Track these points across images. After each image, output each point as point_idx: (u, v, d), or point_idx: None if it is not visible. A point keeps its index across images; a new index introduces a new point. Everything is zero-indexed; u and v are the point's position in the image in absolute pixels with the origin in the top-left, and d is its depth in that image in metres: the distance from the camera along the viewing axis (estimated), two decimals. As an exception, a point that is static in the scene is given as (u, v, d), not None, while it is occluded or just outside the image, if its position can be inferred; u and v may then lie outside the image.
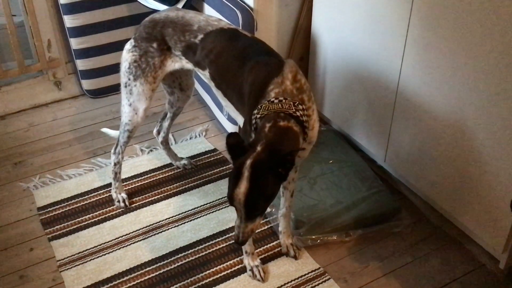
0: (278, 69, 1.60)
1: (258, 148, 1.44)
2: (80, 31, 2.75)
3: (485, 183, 1.78)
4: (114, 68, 2.90)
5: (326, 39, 2.40)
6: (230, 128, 2.53)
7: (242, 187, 1.42)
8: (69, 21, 2.72)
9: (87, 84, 2.92)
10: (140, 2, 2.65)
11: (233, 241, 1.60)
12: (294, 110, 1.53)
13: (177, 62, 1.94)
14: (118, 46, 2.85)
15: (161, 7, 2.55)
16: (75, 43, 2.79)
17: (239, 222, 1.50)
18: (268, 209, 2.12)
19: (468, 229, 1.97)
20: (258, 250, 1.99)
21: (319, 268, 1.93)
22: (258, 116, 1.54)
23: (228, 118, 2.51)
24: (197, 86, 2.86)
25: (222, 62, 1.79)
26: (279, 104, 1.53)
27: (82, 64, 2.85)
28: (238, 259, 1.98)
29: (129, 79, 1.97)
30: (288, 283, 1.89)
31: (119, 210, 2.22)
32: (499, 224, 1.77)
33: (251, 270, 1.90)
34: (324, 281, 1.89)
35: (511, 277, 1.85)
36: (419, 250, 1.99)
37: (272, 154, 1.43)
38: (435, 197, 2.04)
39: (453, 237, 2.03)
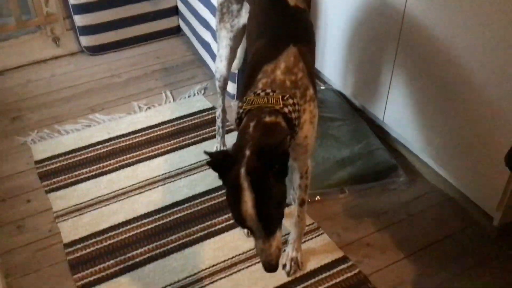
0: (273, 55, 1.44)
1: (247, 153, 1.27)
2: (78, -15, 2.72)
3: (481, 140, 1.76)
4: (114, 24, 2.89)
5: (327, -4, 2.36)
6: (230, 87, 2.50)
7: (248, 201, 1.23)
8: (67, -25, 2.69)
9: (85, 40, 2.89)
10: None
11: (265, 271, 1.34)
12: (281, 106, 1.36)
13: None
14: (117, 2, 2.83)
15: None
16: (73, -1, 2.75)
17: (262, 244, 1.29)
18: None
19: (463, 187, 1.97)
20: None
21: (313, 223, 1.94)
22: (241, 110, 1.41)
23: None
24: (197, 45, 2.83)
25: (250, 27, 1.74)
26: (265, 98, 1.37)
27: (80, 20, 2.82)
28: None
29: (217, 23, 1.94)
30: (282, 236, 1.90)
31: (116, 165, 2.23)
32: (494, 181, 1.76)
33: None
34: (318, 236, 1.90)
35: (504, 234, 1.85)
36: (414, 208, 1.99)
37: (264, 153, 1.26)
38: (432, 155, 2.03)
39: (448, 195, 2.03)
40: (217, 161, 1.30)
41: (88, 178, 2.18)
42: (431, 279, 1.74)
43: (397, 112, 2.13)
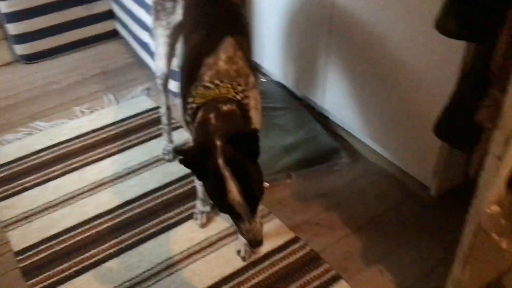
0: (212, 48, 1.49)
1: (218, 143, 1.31)
2: (8, -7, 2.66)
3: (411, 116, 1.89)
4: (48, 31, 2.85)
5: (260, -9, 2.44)
6: (173, 86, 2.53)
7: (233, 189, 1.27)
8: (-4, -17, 2.63)
9: (20, 49, 2.84)
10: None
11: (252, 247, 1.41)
12: (233, 94, 1.43)
13: None
14: (51, 8, 2.80)
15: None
16: (5, 6, 2.69)
17: (248, 224, 1.32)
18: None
19: (400, 162, 2.09)
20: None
21: (263, 208, 2.01)
22: (195, 105, 1.44)
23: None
24: (136, 46, 2.84)
25: (185, 21, 1.76)
26: (216, 89, 1.42)
27: (13, 28, 2.76)
28: (183, 208, 2.03)
29: (153, 21, 1.94)
30: (233, 225, 1.96)
31: (62, 171, 2.21)
32: (428, 154, 1.89)
33: (197, 214, 1.95)
34: (270, 221, 1.97)
35: (440, 202, 1.99)
36: (357, 185, 2.10)
37: (236, 140, 1.31)
38: (370, 136, 2.14)
39: (388, 171, 2.15)
40: (192, 158, 1.31)
41: (34, 186, 2.15)
42: (377, 249, 1.85)
43: (335, 98, 2.23)
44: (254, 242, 1.35)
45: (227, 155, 1.28)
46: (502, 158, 1.19)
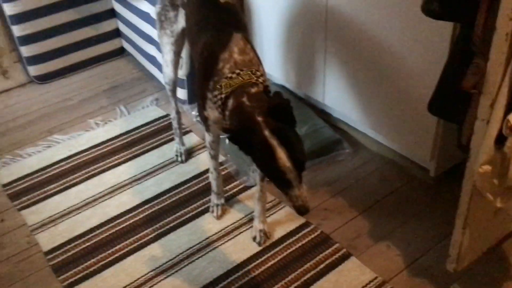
0: (224, 45, 1.62)
1: (259, 119, 1.44)
2: (21, 18, 2.82)
3: (407, 101, 2.03)
4: (59, 52, 3.01)
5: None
6: (181, 94, 2.68)
7: (282, 155, 1.39)
8: (9, 9, 2.79)
9: (33, 70, 2.99)
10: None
11: (298, 214, 1.48)
12: (256, 79, 1.56)
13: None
14: (60, 30, 2.96)
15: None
16: (18, 30, 2.86)
17: (297, 190, 1.42)
18: (223, 157, 2.31)
19: (400, 148, 2.23)
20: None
21: (275, 199, 2.13)
22: (223, 95, 1.56)
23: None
24: (142, 60, 3.00)
25: (188, 27, 1.90)
26: (239, 77, 1.56)
27: (26, 51, 2.92)
28: (199, 202, 2.15)
29: (158, 31, 2.09)
30: (247, 215, 2.09)
31: (82, 177, 2.34)
32: (425, 137, 2.02)
33: (213, 207, 2.08)
34: (281, 209, 2.10)
35: (439, 182, 2.12)
36: (360, 173, 2.23)
37: (274, 113, 1.43)
38: (370, 125, 2.28)
39: (388, 158, 2.29)
40: (239, 135, 1.45)
41: (57, 193, 2.27)
42: (383, 227, 1.98)
43: (335, 94, 2.38)
44: (303, 208, 1.44)
45: (272, 127, 1.41)
46: (489, 121, 1.33)
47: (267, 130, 1.41)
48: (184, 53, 2.31)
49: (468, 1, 1.30)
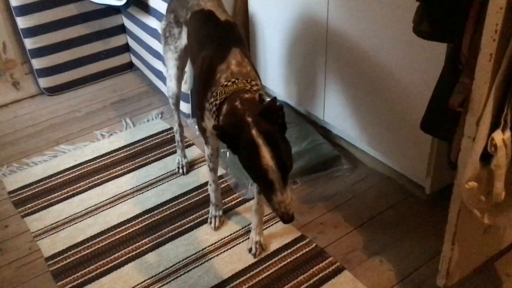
0: (222, 57, 1.70)
1: (249, 119, 1.46)
2: (33, 31, 2.92)
3: (405, 121, 2.07)
4: (69, 65, 3.10)
5: (262, 18, 2.68)
6: (185, 108, 2.75)
7: (267, 155, 1.40)
8: (22, 22, 2.89)
9: (44, 82, 3.08)
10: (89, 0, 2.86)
11: (282, 222, 1.46)
12: (249, 87, 1.62)
13: None
14: (71, 44, 3.06)
15: (110, 2, 2.77)
16: (30, 43, 2.95)
17: (280, 195, 1.42)
18: (223, 171, 2.36)
19: (397, 166, 2.26)
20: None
21: (271, 213, 2.17)
22: (218, 102, 1.61)
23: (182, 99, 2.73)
24: (150, 75, 3.08)
25: (190, 44, 1.99)
26: (234, 85, 1.61)
27: (38, 63, 3.02)
28: (198, 214, 2.20)
29: (163, 47, 2.17)
30: (244, 227, 2.12)
31: (86, 186, 2.40)
32: (421, 157, 2.06)
33: (211, 218, 2.12)
34: (277, 222, 2.13)
35: (434, 200, 2.14)
36: (358, 189, 2.27)
37: (265, 115, 1.46)
38: (368, 143, 2.32)
39: (385, 175, 2.32)
40: (227, 133, 1.47)
41: (60, 201, 2.33)
42: (378, 243, 2.00)
43: (334, 111, 2.42)
44: (286, 216, 1.42)
45: (260, 127, 1.44)
46: (475, 138, 1.36)
47: (255, 129, 1.43)
48: (188, 68, 2.38)
49: (456, 22, 1.35)
